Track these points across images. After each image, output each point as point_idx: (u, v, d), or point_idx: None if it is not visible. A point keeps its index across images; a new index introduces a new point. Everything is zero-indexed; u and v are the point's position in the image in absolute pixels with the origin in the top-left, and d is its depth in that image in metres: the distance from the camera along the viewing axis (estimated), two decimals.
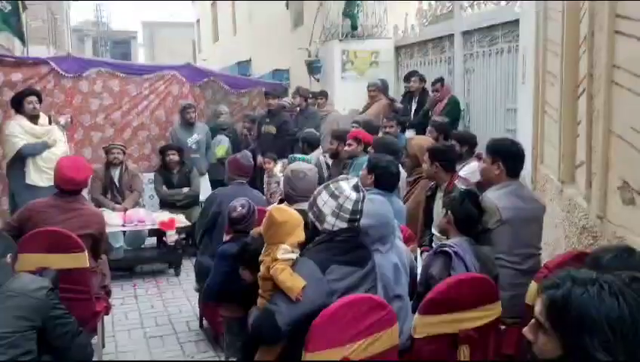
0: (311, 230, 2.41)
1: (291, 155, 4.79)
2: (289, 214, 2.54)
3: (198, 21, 22.82)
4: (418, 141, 4.36)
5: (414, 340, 2.25)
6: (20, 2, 6.58)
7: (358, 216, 2.35)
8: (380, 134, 5.89)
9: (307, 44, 9.14)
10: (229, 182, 4.23)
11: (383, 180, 3.35)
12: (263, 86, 8.30)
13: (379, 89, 7.21)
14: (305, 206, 3.19)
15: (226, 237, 3.48)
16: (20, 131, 5.36)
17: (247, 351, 2.36)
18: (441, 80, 6.46)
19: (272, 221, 2.53)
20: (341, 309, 2.05)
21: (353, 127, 6.17)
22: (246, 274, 2.89)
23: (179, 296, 5.18)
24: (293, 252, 2.45)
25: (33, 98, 5.46)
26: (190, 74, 7.70)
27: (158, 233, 5.92)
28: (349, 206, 2.29)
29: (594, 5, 2.72)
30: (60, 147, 5.54)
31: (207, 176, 7.15)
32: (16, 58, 6.77)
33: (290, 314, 2.17)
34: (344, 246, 2.31)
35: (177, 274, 5.81)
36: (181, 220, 5.84)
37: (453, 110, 6.25)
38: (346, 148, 5.02)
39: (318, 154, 5.87)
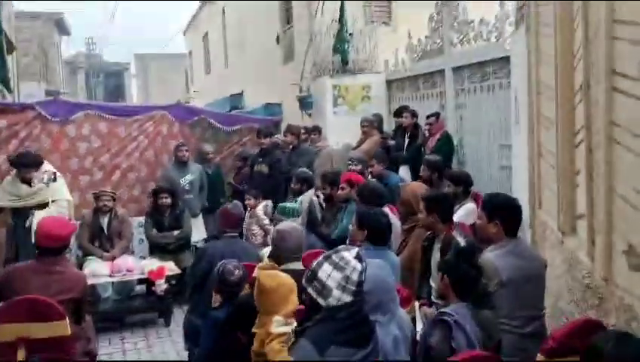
0: (309, 307, 2.27)
1: (280, 204, 4.65)
2: (280, 280, 2.43)
3: (190, 53, 22.91)
4: (412, 188, 4.25)
5: None
6: (4, 48, 6.50)
7: (362, 288, 2.20)
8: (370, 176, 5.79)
9: (298, 80, 9.11)
10: (220, 235, 4.09)
11: (376, 235, 3.23)
12: (254, 122, 8.23)
13: (372, 125, 7.13)
14: (294, 266, 3.08)
15: (215, 299, 3.33)
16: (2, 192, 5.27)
17: None
18: (436, 114, 6.38)
19: (261, 289, 2.43)
20: None
21: (349, 164, 6.07)
22: (243, 338, 2.74)
23: (168, 350, 5.00)
24: (287, 324, 2.34)
25: (24, 170, 5.46)
26: (180, 113, 7.63)
27: (148, 280, 5.75)
28: (355, 277, 2.15)
29: (589, 56, 2.63)
30: (59, 207, 5.41)
31: (200, 216, 7.01)
32: (1, 104, 6.66)
33: None
34: (346, 324, 2.15)
35: (167, 324, 5.63)
36: (171, 268, 5.68)
37: (446, 146, 6.16)
38: (340, 192, 4.91)
39: (311, 194, 5.75)
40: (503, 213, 2.82)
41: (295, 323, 2.31)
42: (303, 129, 7.73)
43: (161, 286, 5.47)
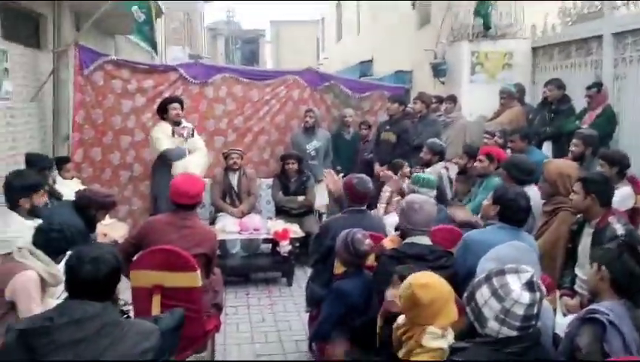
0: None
1: (415, 174, 4.44)
2: (437, 291, 2.14)
3: (322, 20, 23.02)
4: (558, 166, 3.80)
5: None
6: (153, 11, 6.88)
7: (533, 322, 1.87)
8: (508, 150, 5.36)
9: (433, 45, 8.66)
10: (346, 208, 3.95)
11: (510, 214, 2.94)
12: (385, 89, 7.99)
13: (511, 96, 6.59)
14: (419, 240, 2.89)
15: (337, 268, 3.25)
16: (163, 136, 5.65)
17: None
18: (598, 85, 5.68)
19: (414, 301, 2.13)
20: None
21: (485, 137, 5.70)
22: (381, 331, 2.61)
23: (290, 310, 5.09)
24: (443, 336, 2.07)
25: (176, 105, 5.81)
26: (311, 78, 7.59)
27: (273, 240, 5.90)
28: (518, 311, 1.83)
29: None
30: (201, 157, 5.80)
31: (323, 182, 7.03)
32: (149, 65, 7.07)
33: None
34: (515, 360, 1.85)
35: (289, 284, 5.75)
36: (295, 230, 5.77)
37: (607, 122, 5.44)
38: (477, 164, 4.61)
39: (440, 166, 5.48)
40: None
41: (452, 335, 2.07)
42: (434, 98, 7.37)
43: (285, 247, 5.57)
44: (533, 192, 3.77)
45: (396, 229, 3.21)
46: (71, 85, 6.33)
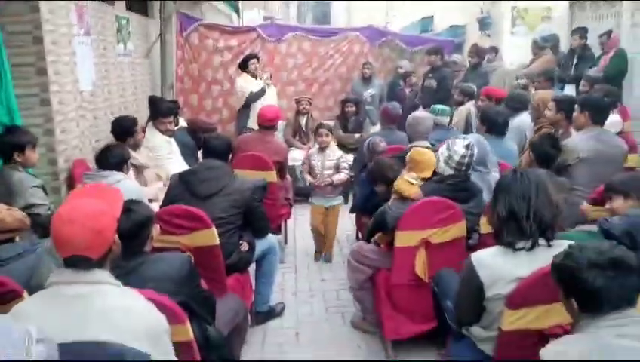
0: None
1: (433, 105, 5.64)
2: (425, 157, 3.36)
3: None
4: (541, 95, 4.90)
5: (481, 235, 3.15)
6: None
7: (464, 168, 3.13)
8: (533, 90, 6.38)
9: (481, 2, 9.54)
10: (381, 127, 5.32)
11: (491, 126, 4.14)
12: (435, 43, 9.00)
13: (537, 45, 7.48)
14: (420, 143, 4.16)
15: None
16: (245, 85, 7.07)
17: (370, 231, 3.50)
18: (607, 33, 6.58)
19: (412, 158, 3.44)
20: (423, 205, 3.05)
21: (517, 82, 6.76)
22: (381, 187, 3.94)
23: (344, 217, 6.46)
24: (415, 179, 3.32)
25: (254, 60, 7.18)
26: (371, 34, 8.75)
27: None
28: (455, 158, 3.10)
29: None
30: (272, 99, 7.15)
31: (378, 124, 8.27)
32: (233, 27, 8.57)
33: (396, 217, 3.19)
34: (451, 188, 3.14)
35: (346, 202, 7.11)
36: (350, 160, 7.08)
37: (619, 63, 6.39)
38: (479, 103, 5.75)
39: (470, 105, 6.58)
40: (591, 106, 3.52)
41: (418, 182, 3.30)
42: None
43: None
44: (527, 117, 4.92)
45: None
46: (174, 45, 7.91)
